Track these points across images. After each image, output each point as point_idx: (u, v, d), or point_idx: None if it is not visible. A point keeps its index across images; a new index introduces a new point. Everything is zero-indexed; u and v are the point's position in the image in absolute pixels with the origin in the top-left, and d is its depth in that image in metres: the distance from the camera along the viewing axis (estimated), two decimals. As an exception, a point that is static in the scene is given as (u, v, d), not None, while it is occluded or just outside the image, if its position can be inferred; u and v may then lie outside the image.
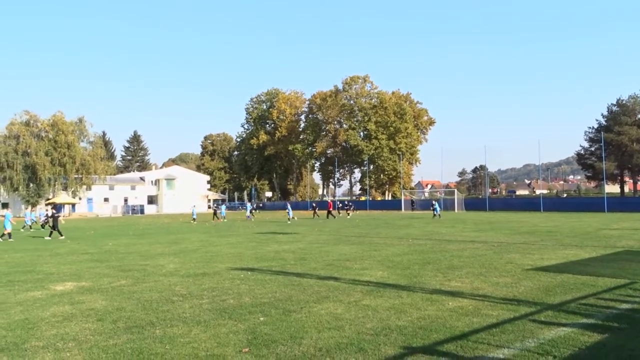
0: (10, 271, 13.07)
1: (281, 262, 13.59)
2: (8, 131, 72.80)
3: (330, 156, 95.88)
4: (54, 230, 26.29)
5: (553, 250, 15.18)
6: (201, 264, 13.55)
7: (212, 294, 9.12)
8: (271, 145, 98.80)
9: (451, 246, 16.97)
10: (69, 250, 18.67)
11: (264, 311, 7.56)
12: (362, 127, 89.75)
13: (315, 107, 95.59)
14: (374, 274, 11.04)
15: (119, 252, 17.51)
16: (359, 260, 13.73)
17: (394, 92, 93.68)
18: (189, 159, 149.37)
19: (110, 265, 13.77)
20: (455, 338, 5.95)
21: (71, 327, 6.91)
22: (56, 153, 73.07)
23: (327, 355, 5.44)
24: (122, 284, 10.55)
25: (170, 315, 7.47)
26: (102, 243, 21.96)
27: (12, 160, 70.10)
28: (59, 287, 10.35)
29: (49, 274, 12.30)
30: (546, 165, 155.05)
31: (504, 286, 9.23)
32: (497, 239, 19.51)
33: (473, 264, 12.40)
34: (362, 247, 17.24)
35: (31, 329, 6.83)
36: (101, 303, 8.50)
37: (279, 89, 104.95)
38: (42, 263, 14.77)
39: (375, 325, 6.62)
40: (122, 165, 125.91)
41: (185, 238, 23.88)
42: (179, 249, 18.10)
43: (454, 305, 7.67)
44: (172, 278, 11.16)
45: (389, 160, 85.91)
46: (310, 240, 21.01)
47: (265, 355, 5.48)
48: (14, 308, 8.25)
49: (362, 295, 8.61)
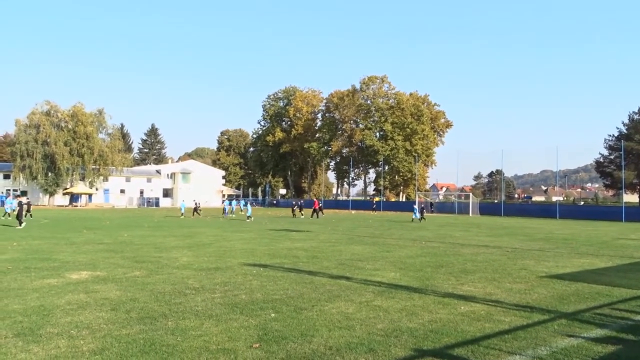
0: (28, 258, 13.30)
1: (293, 260, 13.62)
2: (29, 120, 73.86)
3: (345, 155, 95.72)
4: (17, 219, 26.85)
5: (568, 258, 15.00)
6: (214, 259, 13.64)
7: (225, 288, 9.18)
8: (287, 143, 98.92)
9: (465, 250, 16.85)
10: (85, 240, 18.92)
11: (276, 308, 7.60)
12: (378, 128, 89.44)
13: (332, 106, 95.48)
14: (386, 275, 11.02)
15: (134, 244, 17.70)
16: (372, 260, 13.71)
17: (412, 93, 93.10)
18: (205, 153, 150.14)
19: (125, 256, 13.93)
20: (466, 342, 5.92)
21: (85, 315, 7.01)
22: (75, 143, 73.97)
23: (337, 354, 5.45)
24: (136, 275, 10.68)
25: (183, 307, 7.54)
26: (118, 234, 22.21)
27: (32, 149, 71.15)
28: (74, 275, 10.50)
29: (64, 263, 12.48)
30: (564, 172, 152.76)
31: (517, 292, 9.15)
32: (512, 244, 19.33)
33: (486, 268, 12.31)
34: (375, 248, 17.20)
35: (46, 316, 6.95)
36: (115, 293, 8.61)
37: (296, 86, 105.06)
38: (58, 251, 14.99)
39: (386, 326, 6.61)
40: (139, 157, 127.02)
41: (200, 232, 24.05)
42: (192, 243, 18.24)
43: (466, 310, 7.63)
44: (186, 271, 11.25)
45: (405, 162, 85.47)
46: (323, 238, 21.02)
47: (276, 351, 5.51)
48: (30, 294, 8.40)
49: (373, 296, 8.60)
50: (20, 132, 72.85)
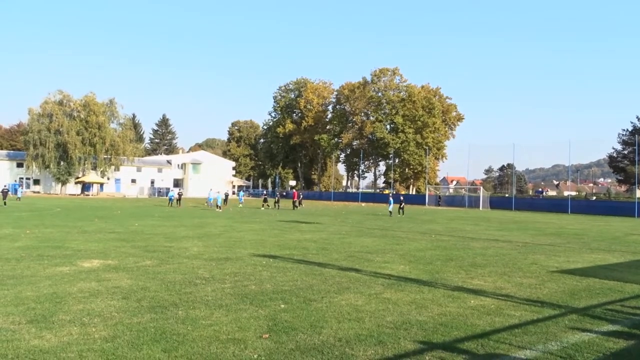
0: (40, 246, 13.44)
1: (303, 251, 13.65)
2: (42, 109, 74.43)
3: (355, 148, 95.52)
4: None
5: (579, 253, 14.89)
6: (224, 249, 13.70)
7: (234, 278, 9.22)
8: (297, 135, 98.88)
9: (475, 244, 16.79)
10: (96, 229, 19.09)
11: (285, 299, 7.62)
12: (389, 120, 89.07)
13: (343, 98, 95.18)
14: (396, 268, 11.01)
15: (145, 233, 17.83)
16: (381, 253, 13.70)
17: (424, 86, 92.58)
18: (216, 144, 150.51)
19: (136, 245, 14.04)
20: (476, 336, 5.90)
21: (97, 303, 7.08)
22: (87, 133, 74.49)
23: (346, 345, 5.46)
24: (147, 264, 10.76)
25: (193, 297, 7.59)
26: (129, 223, 22.38)
27: (45, 138, 71.77)
28: (86, 263, 10.61)
29: (77, 251, 12.61)
30: (576, 166, 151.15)
31: (528, 287, 9.10)
32: (522, 239, 19.21)
33: (497, 263, 12.25)
34: (385, 240, 17.19)
35: (59, 303, 7.03)
36: (126, 282, 8.69)
37: (307, 78, 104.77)
38: (70, 240, 15.14)
39: (396, 318, 6.61)
40: (150, 147, 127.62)
41: (210, 222, 24.16)
42: (202, 233, 18.33)
43: (475, 304, 7.60)
44: (196, 261, 11.32)
45: (415, 155, 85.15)
46: (333, 230, 21.03)
47: (285, 342, 5.53)
48: (43, 282, 8.50)
49: (383, 288, 8.60)
50: (34, 121, 73.50)
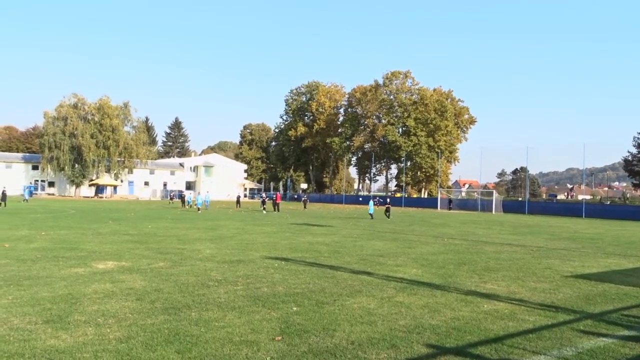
0: (56, 247, 13.61)
1: (315, 254, 13.66)
2: (57, 113, 75.42)
3: (367, 151, 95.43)
4: None
5: (595, 258, 14.72)
6: (236, 251, 13.76)
7: (247, 281, 9.26)
8: (309, 138, 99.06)
9: (487, 248, 16.67)
10: (110, 231, 19.27)
11: (297, 301, 7.63)
12: (401, 123, 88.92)
13: (355, 101, 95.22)
14: (408, 271, 10.97)
15: (158, 235, 17.97)
16: (393, 256, 13.66)
17: (436, 89, 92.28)
18: (228, 147, 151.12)
19: (149, 247, 14.15)
20: (489, 341, 5.87)
21: (111, 304, 7.15)
22: (101, 136, 75.33)
23: (359, 349, 5.45)
24: (160, 266, 10.84)
25: (206, 299, 7.63)
26: (142, 225, 22.56)
27: (60, 140, 72.70)
28: (100, 265, 10.71)
29: (91, 252, 12.74)
30: (590, 170, 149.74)
31: (542, 292, 9.02)
32: (536, 243, 19.04)
33: (510, 267, 12.16)
34: (397, 244, 17.14)
35: (74, 304, 7.11)
36: (140, 283, 8.76)
37: (319, 81, 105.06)
38: (85, 241, 15.30)
39: (408, 322, 6.59)
40: (163, 150, 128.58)
41: (222, 225, 24.27)
42: (215, 235, 18.42)
43: (489, 308, 7.55)
44: (208, 263, 11.38)
45: (427, 158, 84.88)
46: (345, 234, 21.02)
47: (298, 344, 5.54)
48: (59, 283, 8.60)
49: (395, 292, 8.58)
50: (49, 124, 74.51)
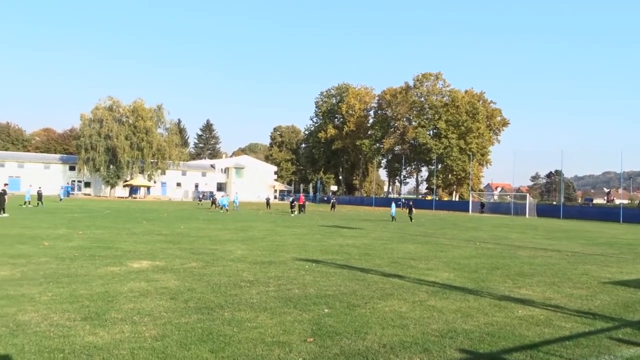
0: (92, 246, 13.97)
1: (345, 256, 13.65)
2: (93, 115, 77.49)
3: (397, 153, 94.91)
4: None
5: (633, 264, 14.27)
6: (267, 253, 13.86)
7: (278, 282, 9.32)
8: (339, 140, 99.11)
9: (521, 252, 16.35)
10: (144, 231, 19.68)
11: (328, 303, 7.64)
12: (431, 125, 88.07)
13: (385, 103, 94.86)
14: (440, 275, 10.86)
15: (190, 235, 18.25)
16: (424, 260, 13.54)
17: (467, 90, 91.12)
18: (258, 149, 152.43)
19: (182, 248, 14.39)
20: (524, 347, 5.75)
21: (147, 302, 7.31)
22: (135, 138, 77.02)
23: (391, 352, 5.43)
24: (193, 266, 11.01)
25: (238, 299, 7.72)
26: (175, 226, 22.96)
27: (96, 142, 74.66)
28: (135, 264, 10.95)
29: (126, 252, 13.04)
30: (628, 173, 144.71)
31: (579, 298, 8.80)
32: (572, 248, 18.58)
33: (545, 272, 11.90)
34: (428, 247, 16.98)
35: (110, 302, 7.29)
36: (174, 283, 8.92)
37: (349, 83, 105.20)
38: (120, 241, 15.66)
39: (441, 326, 6.52)
40: (195, 152, 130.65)
41: (253, 226, 24.49)
42: (246, 236, 18.60)
43: (523, 314, 7.41)
44: (240, 264, 11.50)
45: (458, 160, 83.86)
46: (375, 236, 20.94)
47: (330, 346, 5.55)
48: (95, 281, 8.83)
49: (427, 296, 8.50)
50: (85, 126, 76.58)
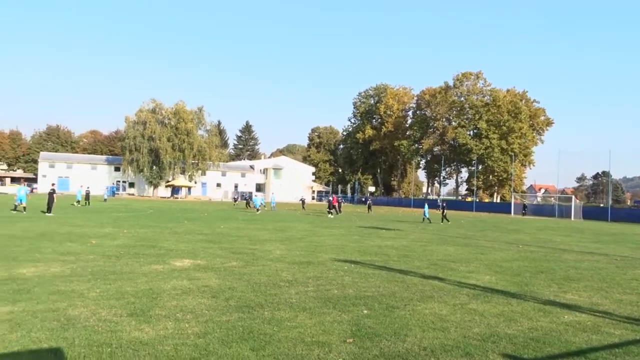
0: (136, 244, 14.38)
1: (384, 258, 13.56)
2: (137, 117, 79.90)
3: (436, 154, 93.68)
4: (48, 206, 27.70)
5: (688, 270, 13.60)
6: (306, 253, 13.93)
7: (317, 282, 9.35)
8: (377, 140, 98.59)
9: (567, 256, 15.85)
10: (186, 230, 20.10)
11: (368, 304, 7.61)
12: (472, 126, 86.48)
13: (424, 103, 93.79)
14: (481, 278, 10.65)
15: (230, 235, 18.53)
16: (465, 262, 13.30)
17: (509, 90, 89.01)
18: (296, 150, 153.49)
19: (222, 247, 14.62)
20: (571, 354, 5.58)
21: (189, 300, 7.46)
22: (177, 139, 78.91)
23: (432, 355, 5.36)
24: (233, 265, 11.17)
25: (278, 299, 7.78)
26: (215, 225, 23.36)
27: (139, 144, 76.89)
28: (177, 263, 11.20)
29: (169, 250, 13.35)
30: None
31: (629, 304, 8.46)
32: (621, 252, 17.88)
33: (592, 277, 11.49)
34: (468, 249, 16.68)
35: (155, 299, 7.48)
36: (215, 281, 9.07)
37: (387, 84, 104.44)
38: (163, 240, 16.05)
39: (483, 330, 6.40)
40: (234, 153, 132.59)
41: (291, 226, 24.65)
42: (284, 237, 18.74)
43: (570, 319, 7.19)
44: (279, 264, 11.60)
45: (500, 161, 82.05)
46: (414, 238, 20.72)
47: (369, 348, 5.52)
48: (140, 278, 9.08)
49: (468, 299, 8.35)
50: (129, 128, 79.01)
